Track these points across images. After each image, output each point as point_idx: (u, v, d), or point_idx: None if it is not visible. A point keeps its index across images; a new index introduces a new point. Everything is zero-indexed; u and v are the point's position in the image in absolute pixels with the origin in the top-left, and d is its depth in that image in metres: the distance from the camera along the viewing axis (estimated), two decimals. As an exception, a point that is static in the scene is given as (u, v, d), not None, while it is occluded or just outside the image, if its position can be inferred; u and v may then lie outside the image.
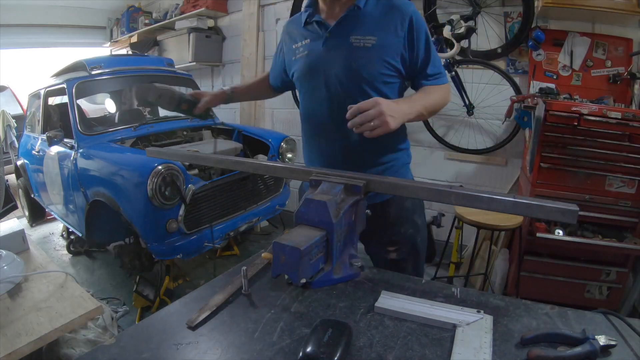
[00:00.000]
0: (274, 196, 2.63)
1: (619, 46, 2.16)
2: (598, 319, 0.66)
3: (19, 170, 3.45)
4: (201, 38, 3.60)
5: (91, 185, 2.20)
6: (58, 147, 2.55)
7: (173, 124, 2.86)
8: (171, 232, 1.97)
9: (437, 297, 0.73)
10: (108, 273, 2.76)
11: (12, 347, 0.91)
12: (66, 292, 1.16)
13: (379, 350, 0.60)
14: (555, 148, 1.85)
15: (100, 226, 2.39)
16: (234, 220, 2.29)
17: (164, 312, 0.72)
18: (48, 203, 3.05)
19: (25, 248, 1.45)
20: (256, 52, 3.39)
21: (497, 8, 2.35)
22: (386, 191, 0.81)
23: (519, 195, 0.68)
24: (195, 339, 0.63)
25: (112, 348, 0.61)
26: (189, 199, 1.99)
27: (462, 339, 0.60)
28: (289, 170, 0.99)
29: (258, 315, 0.69)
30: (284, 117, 3.41)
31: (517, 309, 0.69)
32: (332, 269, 0.77)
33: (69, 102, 2.47)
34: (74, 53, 4.77)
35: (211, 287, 0.79)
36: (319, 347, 0.56)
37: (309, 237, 0.69)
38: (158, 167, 1.87)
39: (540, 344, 0.59)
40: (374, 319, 0.67)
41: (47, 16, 4.52)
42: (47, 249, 3.20)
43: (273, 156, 2.60)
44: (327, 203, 0.72)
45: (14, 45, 4.56)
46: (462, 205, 0.72)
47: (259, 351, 0.60)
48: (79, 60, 2.68)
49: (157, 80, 3.26)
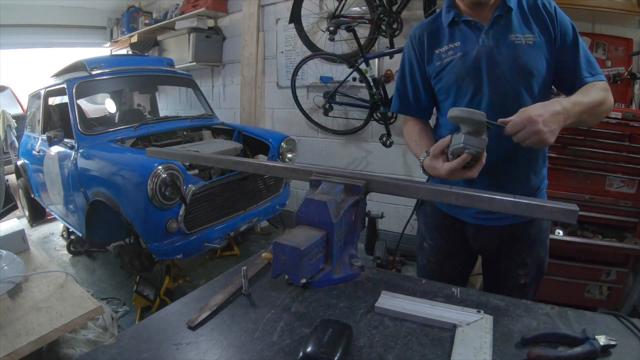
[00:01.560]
0: (274, 196, 2.63)
1: (619, 46, 2.16)
2: (598, 319, 0.66)
3: (19, 170, 3.45)
4: (201, 38, 3.60)
5: (91, 185, 2.20)
6: (58, 147, 2.55)
7: (173, 124, 2.86)
8: (171, 232, 1.97)
9: (437, 297, 0.73)
10: (108, 273, 2.76)
11: (12, 347, 0.91)
12: (66, 292, 1.16)
13: (379, 350, 0.60)
14: (555, 148, 1.85)
15: (100, 226, 2.39)
16: (234, 220, 2.29)
17: (164, 312, 0.72)
18: (48, 203, 3.05)
19: (26, 248, 1.45)
20: (256, 52, 3.39)
21: (498, 8, 2.35)
22: (386, 191, 0.81)
23: (519, 195, 0.68)
24: (195, 339, 0.63)
25: (112, 348, 0.61)
26: (189, 199, 1.99)
27: (462, 339, 0.60)
28: (289, 170, 0.99)
29: (258, 315, 0.69)
30: (284, 117, 3.41)
31: (517, 309, 0.69)
32: (332, 269, 0.77)
33: (69, 102, 2.47)
34: (74, 53, 4.77)
35: (211, 287, 0.79)
36: (319, 347, 0.56)
37: (309, 237, 0.69)
38: (158, 167, 1.87)
39: (540, 344, 0.59)
40: (374, 319, 0.67)
41: (47, 16, 4.52)
42: (47, 249, 3.20)
43: (273, 156, 2.60)
44: (327, 203, 0.72)
45: (14, 45, 4.56)
46: (463, 205, 0.72)
47: (259, 351, 0.60)
48: (79, 60, 2.68)
49: (157, 80, 3.27)
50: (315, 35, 3.01)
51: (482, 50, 0.96)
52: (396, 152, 2.81)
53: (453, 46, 0.99)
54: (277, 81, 3.37)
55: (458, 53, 0.98)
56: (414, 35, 1.08)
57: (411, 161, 2.80)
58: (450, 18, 1.00)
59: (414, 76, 1.09)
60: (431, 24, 1.06)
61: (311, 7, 2.92)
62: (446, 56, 1.00)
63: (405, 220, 1.27)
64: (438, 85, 1.04)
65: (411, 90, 1.10)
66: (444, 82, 1.02)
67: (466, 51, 0.97)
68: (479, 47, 0.96)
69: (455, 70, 0.99)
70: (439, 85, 1.04)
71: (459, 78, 0.99)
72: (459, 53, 0.98)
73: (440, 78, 1.03)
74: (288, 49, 3.24)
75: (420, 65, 1.07)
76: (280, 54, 3.30)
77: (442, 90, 1.04)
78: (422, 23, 1.10)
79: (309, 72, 3.05)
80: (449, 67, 1.00)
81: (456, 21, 1.00)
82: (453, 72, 0.99)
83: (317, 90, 3.05)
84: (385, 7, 2.44)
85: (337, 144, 3.13)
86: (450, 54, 0.99)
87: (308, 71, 3.05)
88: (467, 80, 0.98)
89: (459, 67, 0.98)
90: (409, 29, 2.56)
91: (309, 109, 3.12)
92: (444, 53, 1.00)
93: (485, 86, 0.96)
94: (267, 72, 3.45)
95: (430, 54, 1.04)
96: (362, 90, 2.77)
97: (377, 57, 2.66)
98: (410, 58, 1.09)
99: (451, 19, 1.00)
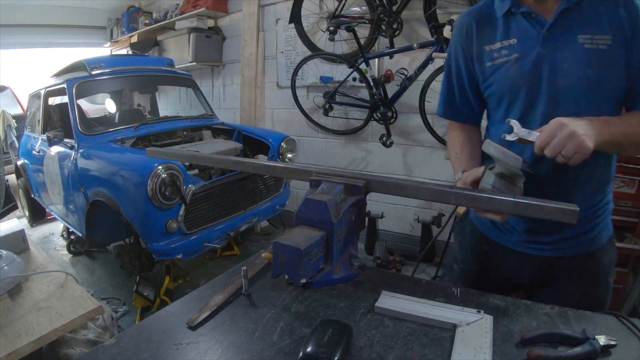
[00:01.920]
0: (274, 196, 2.63)
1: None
2: (598, 319, 0.66)
3: (19, 170, 3.45)
4: (201, 38, 3.60)
5: (91, 185, 2.20)
6: (58, 147, 2.55)
7: (173, 124, 2.87)
8: (171, 232, 1.97)
9: (437, 297, 0.73)
10: (108, 273, 2.76)
11: (12, 347, 0.91)
12: (66, 292, 1.16)
13: (379, 350, 0.60)
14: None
15: (100, 226, 2.40)
16: (234, 220, 2.29)
17: (164, 312, 0.72)
18: (48, 203, 3.05)
19: (26, 248, 1.45)
20: (256, 52, 3.39)
21: (497, 8, 2.35)
22: (386, 191, 0.81)
23: (519, 195, 0.68)
24: (195, 339, 0.63)
25: (112, 348, 0.61)
26: (189, 199, 1.99)
27: (462, 339, 0.60)
28: (289, 170, 0.99)
29: (258, 315, 0.69)
30: (284, 117, 3.42)
31: (517, 309, 0.69)
32: (332, 269, 0.77)
33: (69, 102, 2.47)
34: (74, 53, 4.78)
35: (211, 287, 0.79)
36: (319, 347, 0.56)
37: (309, 237, 0.69)
38: (158, 167, 1.87)
39: (540, 343, 0.59)
40: (374, 319, 0.67)
41: (47, 16, 4.53)
42: (47, 249, 3.20)
43: (273, 156, 2.60)
44: (327, 203, 0.72)
45: (14, 45, 4.57)
46: (462, 205, 0.72)
47: (259, 351, 0.60)
48: (79, 60, 2.68)
49: (157, 80, 3.27)
50: (315, 35, 3.01)
51: (544, 53, 0.78)
52: (396, 152, 2.81)
53: (508, 44, 0.82)
54: (277, 81, 3.37)
55: (514, 54, 0.81)
56: (461, 25, 0.90)
57: (411, 161, 2.80)
58: (507, 7, 0.82)
59: (460, 75, 0.93)
60: (481, 11, 0.88)
61: (311, 7, 2.92)
62: (499, 56, 0.83)
63: (405, 220, 1.25)
64: (488, 91, 0.88)
65: (458, 91, 0.95)
66: (495, 88, 0.86)
67: (524, 52, 0.80)
68: (540, 49, 0.78)
69: (509, 76, 0.82)
70: (489, 90, 0.88)
71: (513, 86, 0.82)
72: (514, 54, 0.81)
73: (490, 83, 0.86)
74: (288, 49, 3.24)
75: (467, 62, 0.90)
76: (280, 54, 3.30)
77: (492, 97, 0.88)
78: (471, 9, 0.92)
79: (309, 72, 3.05)
80: (501, 70, 0.83)
81: (512, 12, 0.82)
82: (507, 77, 0.83)
83: (317, 90, 3.05)
84: (385, 7, 2.44)
85: (337, 144, 3.13)
86: (504, 53, 0.82)
87: (308, 71, 3.05)
88: (524, 89, 0.81)
89: (514, 72, 0.81)
90: (409, 29, 2.57)
91: (309, 109, 3.12)
92: (497, 52, 0.83)
93: (542, 99, 0.79)
94: (267, 72, 3.45)
95: (479, 50, 0.86)
96: (362, 90, 2.77)
97: (377, 57, 2.66)
98: (457, 53, 0.92)
99: (507, 9, 0.82)
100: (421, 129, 2.63)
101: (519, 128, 0.70)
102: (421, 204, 2.78)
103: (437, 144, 2.65)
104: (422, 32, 2.55)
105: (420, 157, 2.75)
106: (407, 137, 2.78)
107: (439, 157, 2.71)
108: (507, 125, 0.72)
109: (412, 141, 2.77)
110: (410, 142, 2.78)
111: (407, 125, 2.75)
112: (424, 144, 2.73)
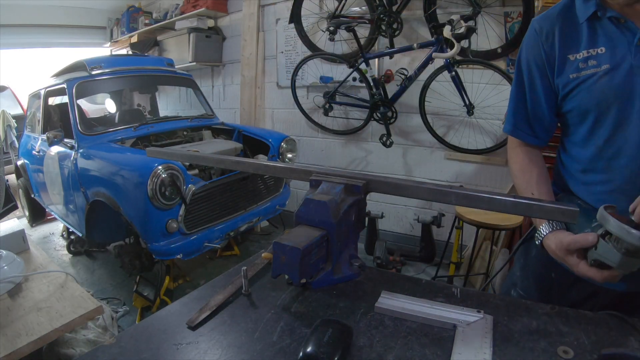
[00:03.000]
0: (274, 196, 2.63)
1: (619, 46, 2.16)
2: (598, 319, 0.66)
3: (19, 170, 3.45)
4: (201, 38, 3.61)
5: (91, 185, 2.20)
6: (58, 147, 2.55)
7: (173, 124, 2.87)
8: (171, 232, 1.97)
9: (437, 297, 0.73)
10: (108, 273, 2.76)
11: (12, 347, 0.91)
12: (66, 292, 1.16)
13: (379, 350, 0.60)
14: (555, 148, 1.85)
15: (100, 226, 2.40)
16: (234, 220, 2.29)
17: (164, 312, 0.72)
18: (48, 203, 3.05)
19: (26, 248, 1.45)
20: (256, 52, 3.39)
21: (497, 8, 2.35)
22: (386, 191, 0.81)
23: (519, 195, 0.68)
24: (195, 339, 0.63)
25: (112, 348, 0.61)
26: (189, 199, 1.99)
27: (462, 339, 0.60)
28: (289, 170, 0.99)
29: (258, 315, 0.69)
30: (284, 117, 3.42)
31: (518, 309, 0.69)
32: (332, 269, 0.77)
33: (69, 102, 2.47)
34: (74, 53, 4.78)
35: (211, 287, 0.79)
36: (319, 347, 0.56)
37: (309, 237, 0.69)
38: (158, 167, 1.87)
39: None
40: (374, 319, 0.67)
41: (47, 16, 4.53)
42: (47, 249, 3.20)
43: (273, 156, 2.60)
44: (327, 203, 0.72)
45: (14, 45, 4.57)
46: (462, 205, 0.72)
47: (259, 351, 0.60)
48: (79, 60, 2.68)
49: (157, 80, 3.27)
50: (315, 35, 3.01)
51: (637, 65, 0.68)
52: (396, 152, 2.81)
53: (595, 53, 0.72)
54: (277, 81, 3.38)
55: (603, 65, 0.70)
56: (540, 30, 0.78)
57: (411, 161, 2.81)
58: (591, 11, 0.71)
59: (534, 87, 0.81)
60: (563, 14, 0.76)
61: (311, 7, 2.92)
62: (584, 67, 0.72)
63: (405, 220, 1.25)
64: (568, 105, 0.77)
65: (531, 105, 0.83)
66: (579, 102, 0.75)
67: (615, 64, 0.69)
68: (632, 60, 0.68)
69: (597, 90, 0.71)
70: (570, 105, 0.77)
71: (601, 102, 0.71)
72: (604, 65, 0.70)
73: (572, 96, 0.75)
74: (288, 49, 3.24)
75: (544, 72, 0.79)
76: (280, 54, 3.30)
77: (573, 112, 0.77)
78: (549, 11, 0.79)
79: (309, 72, 3.05)
80: (587, 83, 0.72)
81: (599, 16, 0.71)
82: (594, 91, 0.72)
83: (317, 90, 3.05)
84: (385, 7, 2.44)
85: (337, 144, 3.13)
86: (592, 64, 0.72)
87: (308, 71, 3.05)
88: (616, 104, 0.70)
89: (604, 86, 0.70)
90: (409, 29, 2.57)
91: (309, 109, 3.12)
92: (582, 62, 0.73)
93: (635, 118, 0.69)
94: (267, 72, 3.45)
95: (562, 59, 0.76)
96: (362, 90, 2.78)
97: (377, 57, 2.67)
98: (532, 61, 0.80)
99: (591, 13, 0.71)
100: (421, 128, 2.63)
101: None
102: (421, 204, 2.78)
103: (436, 144, 2.65)
104: (422, 32, 2.56)
105: (420, 157, 2.76)
106: (407, 137, 2.78)
107: (438, 157, 2.71)
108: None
109: (412, 141, 2.77)
110: (410, 142, 2.78)
111: (407, 125, 2.75)
112: (423, 144, 2.73)
